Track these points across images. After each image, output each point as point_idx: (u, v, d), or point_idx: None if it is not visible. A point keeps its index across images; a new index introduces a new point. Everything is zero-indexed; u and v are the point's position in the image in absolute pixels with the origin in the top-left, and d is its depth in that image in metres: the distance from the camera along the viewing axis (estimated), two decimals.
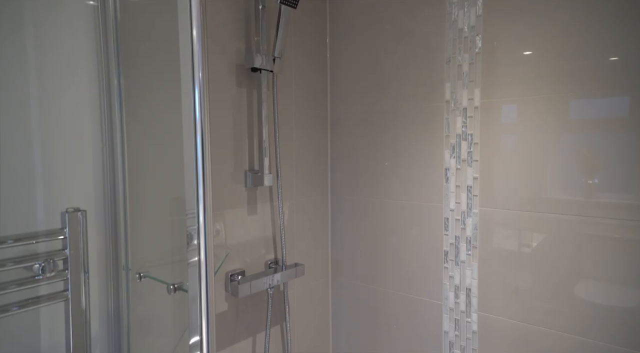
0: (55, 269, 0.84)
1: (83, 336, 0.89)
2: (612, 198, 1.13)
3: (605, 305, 1.15)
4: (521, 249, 1.29)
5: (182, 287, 0.96)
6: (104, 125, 0.99)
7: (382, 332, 1.62)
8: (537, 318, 1.26)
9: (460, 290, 1.41)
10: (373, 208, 1.62)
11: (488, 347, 1.36)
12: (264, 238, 1.48)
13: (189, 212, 0.96)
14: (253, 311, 1.44)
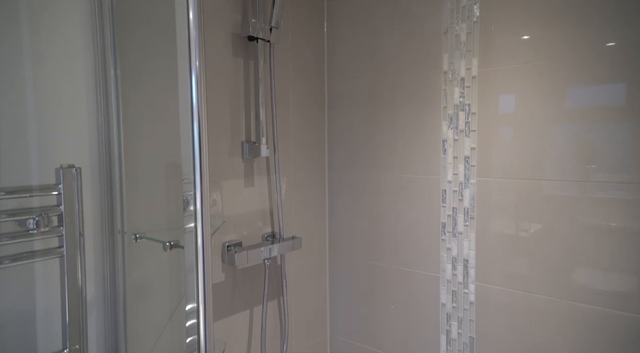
0: (50, 225, 0.84)
1: (78, 295, 0.89)
2: (610, 173, 1.13)
3: (601, 273, 1.15)
4: (519, 218, 1.28)
5: (178, 244, 0.96)
6: (98, 85, 0.98)
7: (380, 306, 1.62)
8: (535, 287, 1.26)
9: (457, 261, 1.41)
10: (370, 183, 1.62)
11: (485, 318, 1.36)
12: (261, 212, 1.47)
13: (185, 177, 0.95)
14: (250, 283, 1.44)
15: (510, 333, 1.31)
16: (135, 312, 1.10)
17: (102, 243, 1.01)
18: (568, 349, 1.21)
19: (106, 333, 1.03)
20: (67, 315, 0.86)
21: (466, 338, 1.40)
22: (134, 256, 1.05)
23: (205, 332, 0.93)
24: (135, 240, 1.03)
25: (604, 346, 1.15)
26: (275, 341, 1.54)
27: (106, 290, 1.02)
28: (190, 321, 1.12)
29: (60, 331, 0.89)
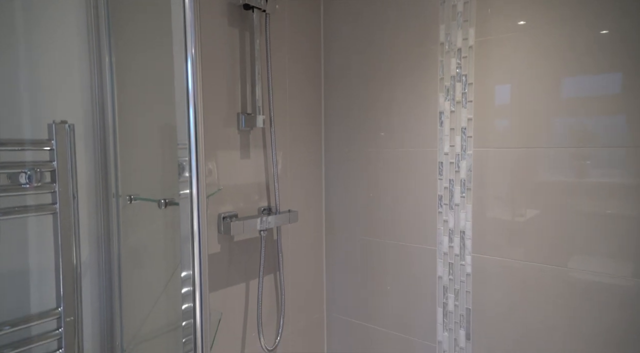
0: (43, 180, 0.82)
1: (72, 254, 0.88)
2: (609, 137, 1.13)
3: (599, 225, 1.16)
4: (516, 187, 1.28)
5: (173, 202, 0.95)
6: (91, 44, 0.96)
7: (377, 282, 1.62)
8: (532, 255, 1.26)
9: (454, 233, 1.41)
10: (367, 158, 1.61)
11: (482, 289, 1.36)
12: (257, 185, 1.47)
13: (180, 143, 0.94)
14: (246, 257, 1.43)
15: (506, 303, 1.31)
16: (131, 278, 1.09)
17: (97, 206, 1.00)
18: (563, 316, 1.21)
19: (101, 298, 1.02)
20: (60, 273, 0.85)
21: (463, 310, 1.41)
22: (129, 218, 1.04)
23: (201, 298, 0.93)
24: (129, 201, 1.02)
25: (600, 315, 1.16)
26: (271, 316, 1.54)
27: (100, 254, 1.01)
28: (186, 288, 1.11)
29: (54, 290, 0.88)
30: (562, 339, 1.22)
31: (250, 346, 1.45)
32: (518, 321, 1.29)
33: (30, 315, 0.84)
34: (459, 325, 1.41)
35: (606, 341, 1.15)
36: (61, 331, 0.86)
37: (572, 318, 1.20)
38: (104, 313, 1.02)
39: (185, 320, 1.08)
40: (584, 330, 1.18)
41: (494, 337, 1.34)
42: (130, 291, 1.09)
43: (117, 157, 1.01)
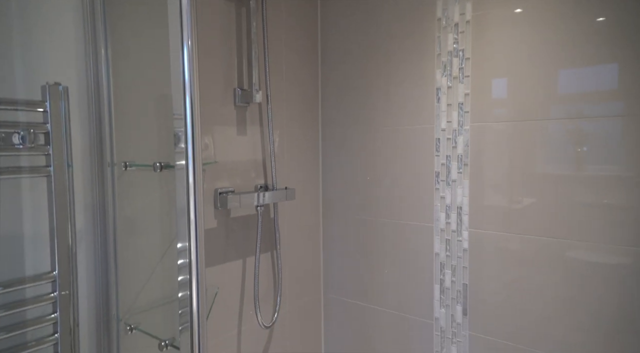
0: (36, 142, 0.82)
1: (67, 218, 0.87)
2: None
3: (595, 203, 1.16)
4: (513, 161, 1.28)
5: (168, 165, 0.94)
6: (85, 6, 0.95)
7: (374, 261, 1.62)
8: (529, 228, 1.26)
9: (451, 209, 1.41)
10: (364, 137, 1.61)
11: (478, 264, 1.36)
12: (254, 162, 1.46)
13: (175, 113, 0.93)
14: (243, 234, 1.43)
15: (503, 277, 1.31)
16: (127, 248, 1.08)
17: (92, 175, 0.99)
18: (559, 288, 1.21)
19: (96, 267, 1.01)
20: (55, 237, 0.85)
21: (459, 286, 1.41)
22: (124, 185, 1.03)
23: (197, 267, 0.92)
24: (125, 168, 1.01)
25: (596, 289, 1.16)
26: (268, 294, 1.54)
27: (96, 223, 1.01)
28: (182, 260, 1.11)
29: (49, 255, 0.87)
30: (557, 313, 1.22)
31: (247, 323, 1.45)
32: (514, 295, 1.29)
33: (25, 277, 0.84)
34: (456, 301, 1.41)
35: (600, 316, 1.15)
36: (56, 295, 0.85)
37: (568, 290, 1.20)
38: (100, 282, 1.02)
39: (181, 292, 1.08)
40: (580, 303, 1.19)
41: (490, 312, 1.34)
42: (126, 261, 1.08)
43: (112, 125, 1.00)
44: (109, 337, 1.01)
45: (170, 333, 0.99)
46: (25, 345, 0.82)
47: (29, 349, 0.82)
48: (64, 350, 0.86)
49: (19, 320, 0.82)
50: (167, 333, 0.99)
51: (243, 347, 1.44)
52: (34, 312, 0.84)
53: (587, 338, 1.18)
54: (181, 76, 0.88)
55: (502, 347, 1.32)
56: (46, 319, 0.85)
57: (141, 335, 1.04)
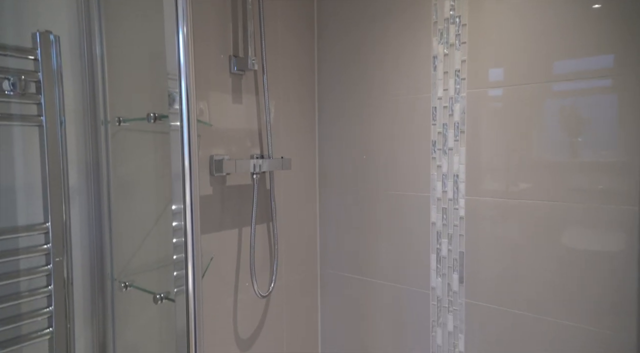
0: (27, 90, 0.80)
1: (60, 171, 0.86)
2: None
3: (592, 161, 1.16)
4: (510, 125, 1.28)
5: (162, 115, 0.93)
6: None
7: (370, 233, 1.61)
8: (525, 193, 1.26)
9: (447, 178, 1.41)
10: (361, 108, 1.60)
11: (475, 231, 1.36)
12: (249, 131, 1.45)
13: (170, 73, 0.92)
14: (239, 201, 1.42)
15: (499, 244, 1.31)
16: (121, 208, 1.07)
17: (85, 131, 0.98)
18: (554, 248, 1.22)
19: (90, 224, 1.00)
20: (47, 187, 0.84)
21: (456, 254, 1.41)
22: (119, 143, 1.02)
23: (192, 227, 0.92)
24: (118, 123, 1.00)
25: (591, 244, 1.16)
26: (264, 265, 1.53)
27: (89, 181, 1.00)
28: (176, 222, 1.10)
29: (42, 207, 0.86)
30: (553, 277, 1.22)
31: (242, 293, 1.44)
32: (511, 261, 1.30)
33: (17, 227, 0.83)
34: (452, 270, 1.42)
35: (594, 281, 1.16)
36: (49, 247, 0.84)
37: (565, 253, 1.20)
38: (94, 241, 1.01)
39: (176, 255, 1.07)
40: (574, 270, 1.19)
41: (487, 278, 1.34)
42: (120, 223, 1.07)
43: (105, 79, 0.99)
44: (103, 294, 1.00)
45: (165, 289, 0.99)
46: (19, 295, 0.81)
47: (23, 299, 0.82)
48: (58, 302, 0.85)
49: (12, 270, 0.81)
50: (162, 289, 0.99)
51: (239, 316, 1.44)
52: (26, 262, 0.84)
53: (581, 303, 1.18)
54: (175, 35, 0.87)
55: (498, 312, 1.32)
56: (39, 270, 0.84)
57: (136, 292, 1.03)
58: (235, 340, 1.43)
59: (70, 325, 0.89)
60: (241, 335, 1.45)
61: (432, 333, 1.47)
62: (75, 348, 0.93)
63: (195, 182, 0.91)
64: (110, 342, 1.01)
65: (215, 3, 1.32)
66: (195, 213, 0.91)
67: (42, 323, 0.86)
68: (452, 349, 1.43)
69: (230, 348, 1.41)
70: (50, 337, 0.85)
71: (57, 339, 0.85)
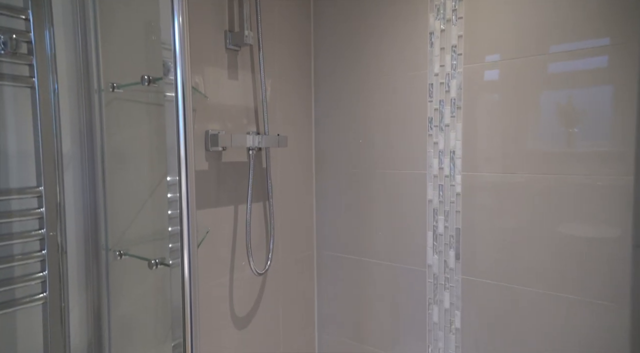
0: (19, 50, 0.79)
1: (52, 135, 0.85)
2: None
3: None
4: (507, 99, 1.28)
5: (156, 78, 0.92)
6: None
7: (367, 213, 1.61)
8: (522, 167, 1.26)
9: (444, 154, 1.41)
10: (357, 87, 1.60)
11: (471, 207, 1.36)
12: (245, 108, 1.44)
13: (164, 43, 0.91)
14: (234, 179, 1.41)
15: (496, 218, 1.31)
16: (116, 179, 1.06)
17: (78, 99, 0.97)
18: (550, 220, 1.22)
19: (84, 194, 0.99)
20: (40, 151, 0.83)
21: (452, 231, 1.41)
22: (113, 112, 1.01)
23: (188, 197, 0.91)
24: (112, 89, 0.99)
25: (588, 219, 1.17)
26: (260, 244, 1.53)
27: (83, 149, 0.99)
28: (172, 193, 1.09)
29: (34, 170, 0.85)
30: (550, 249, 1.22)
31: (239, 271, 1.44)
32: (508, 235, 1.30)
33: (10, 189, 0.82)
34: (449, 247, 1.42)
35: (591, 257, 1.16)
36: (43, 211, 0.83)
37: (560, 226, 1.21)
38: (88, 211, 1.00)
39: (171, 227, 1.06)
40: (571, 244, 1.19)
41: (483, 254, 1.34)
42: (115, 194, 1.06)
43: (98, 45, 0.97)
44: (98, 264, 0.99)
45: (160, 256, 0.98)
46: (12, 258, 0.81)
47: (16, 262, 0.81)
48: (52, 266, 0.84)
49: (5, 232, 0.80)
50: (158, 256, 0.98)
51: (235, 295, 1.43)
52: (20, 226, 0.83)
53: (577, 276, 1.18)
54: (170, 4, 0.86)
55: (495, 287, 1.32)
56: (33, 234, 0.83)
57: (131, 260, 1.03)
58: (232, 318, 1.43)
59: (64, 291, 0.88)
60: (237, 313, 1.45)
61: (428, 311, 1.48)
62: (69, 315, 0.92)
63: (191, 151, 0.90)
64: (105, 311, 1.01)
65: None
66: (191, 176, 0.90)
67: (36, 288, 0.85)
68: (449, 326, 1.43)
69: (227, 326, 1.41)
70: (44, 302, 0.85)
71: (51, 304, 0.85)
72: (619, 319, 1.13)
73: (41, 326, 0.88)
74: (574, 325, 1.19)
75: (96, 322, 1.00)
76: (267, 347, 1.56)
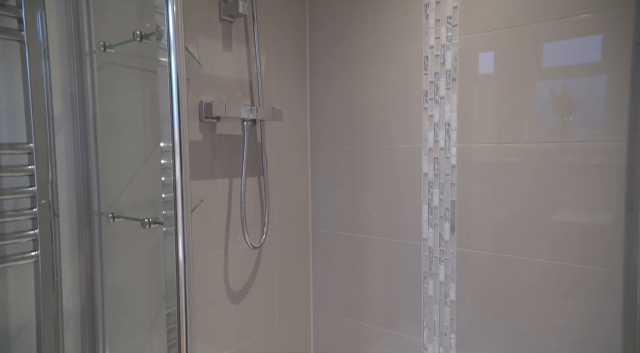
0: (6, 2, 0.78)
1: (42, 92, 0.84)
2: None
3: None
4: (503, 69, 1.28)
5: (150, 33, 0.91)
6: None
7: (361, 189, 1.61)
8: (518, 137, 1.26)
9: (439, 127, 1.41)
10: (352, 63, 1.59)
11: (466, 179, 1.36)
12: (240, 81, 1.43)
13: (157, 7, 0.90)
14: (229, 152, 1.40)
15: (490, 188, 1.32)
16: (109, 145, 1.05)
17: (69, 61, 0.95)
18: (547, 190, 1.22)
19: (76, 158, 0.98)
20: (30, 107, 0.81)
21: (447, 204, 1.41)
22: (105, 76, 1.00)
23: (182, 162, 0.90)
24: (103, 49, 0.97)
25: (583, 181, 1.17)
26: (255, 220, 1.52)
27: (75, 111, 0.97)
28: (165, 160, 1.08)
29: (24, 128, 0.84)
30: (544, 221, 1.23)
31: (233, 245, 1.43)
32: (503, 206, 1.30)
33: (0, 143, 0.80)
34: (444, 219, 1.42)
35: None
36: (33, 168, 0.82)
37: (555, 194, 1.21)
38: (80, 173, 0.99)
39: (165, 193, 1.05)
40: (566, 211, 1.19)
41: (478, 225, 1.35)
42: (108, 158, 1.05)
43: (89, 5, 0.96)
44: (90, 227, 0.98)
45: (154, 216, 0.97)
46: (3, 214, 0.79)
47: (6, 218, 0.80)
48: (43, 224, 0.83)
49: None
50: (151, 217, 0.97)
51: (230, 269, 1.43)
52: (10, 182, 0.81)
53: (572, 242, 1.19)
54: None
55: (489, 258, 1.33)
56: (23, 191, 0.82)
57: (124, 223, 1.02)
58: (227, 292, 1.42)
59: (56, 253, 0.87)
60: (232, 288, 1.44)
61: (423, 285, 1.48)
62: (62, 278, 0.91)
63: (184, 116, 0.89)
64: (99, 276, 1.00)
65: None
66: (184, 140, 0.88)
67: (27, 246, 0.84)
68: (444, 299, 1.44)
69: (222, 300, 1.40)
70: (35, 261, 0.84)
71: (42, 264, 0.84)
72: (613, 284, 1.13)
73: (33, 287, 0.87)
74: (569, 292, 1.20)
75: (89, 287, 0.99)
76: (263, 323, 1.56)
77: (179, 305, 0.93)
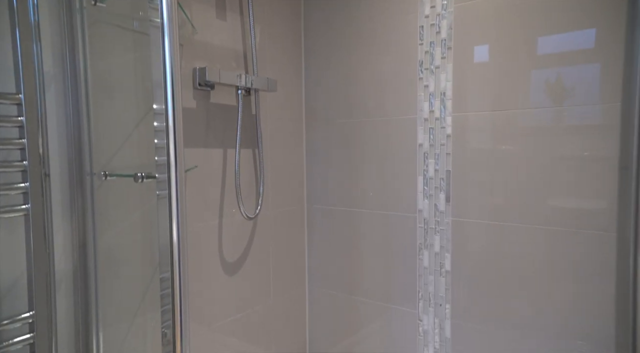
0: None
1: (31, 45, 0.82)
2: None
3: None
4: (499, 37, 1.27)
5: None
6: None
7: (357, 164, 1.60)
8: (513, 103, 1.26)
9: (434, 97, 1.40)
10: (347, 37, 1.58)
11: (462, 149, 1.36)
12: (234, 51, 1.42)
13: None
14: (223, 121, 1.39)
15: (486, 159, 1.31)
16: (101, 106, 1.04)
17: (59, 14, 0.94)
18: (543, 157, 1.22)
19: (67, 116, 0.97)
20: (19, 55, 0.80)
21: (443, 174, 1.41)
22: (97, 35, 0.98)
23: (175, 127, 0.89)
24: (94, 3, 0.96)
25: (579, 150, 1.17)
26: (250, 193, 1.51)
27: (65, 71, 0.96)
28: (158, 122, 1.07)
29: (13, 77, 0.82)
30: (539, 187, 1.23)
31: (228, 216, 1.42)
32: (498, 173, 1.30)
33: None
34: (439, 190, 1.42)
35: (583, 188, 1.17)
36: (23, 120, 0.81)
37: (550, 160, 1.21)
38: (71, 133, 0.97)
39: (158, 156, 1.04)
40: (562, 176, 1.20)
41: (473, 194, 1.35)
42: (100, 120, 1.04)
43: None
44: (82, 188, 0.97)
45: (147, 171, 0.96)
46: None
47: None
48: (33, 177, 0.82)
49: None
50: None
51: (224, 240, 1.42)
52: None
53: (567, 206, 1.19)
54: None
55: (484, 226, 1.33)
56: (13, 142, 0.81)
57: (117, 180, 1.01)
58: (221, 263, 1.41)
59: (47, 209, 0.86)
60: (227, 259, 1.44)
61: (419, 257, 1.48)
62: (53, 237, 0.90)
63: (177, 75, 0.88)
64: (91, 237, 0.99)
65: None
66: (177, 101, 0.87)
67: (17, 199, 0.83)
68: (439, 269, 1.44)
69: (216, 271, 1.40)
70: (25, 214, 0.82)
71: (33, 218, 0.82)
72: (607, 246, 1.14)
73: (24, 244, 0.85)
74: (563, 256, 1.20)
75: (82, 247, 0.98)
76: (258, 296, 1.56)
77: (173, 268, 0.92)
